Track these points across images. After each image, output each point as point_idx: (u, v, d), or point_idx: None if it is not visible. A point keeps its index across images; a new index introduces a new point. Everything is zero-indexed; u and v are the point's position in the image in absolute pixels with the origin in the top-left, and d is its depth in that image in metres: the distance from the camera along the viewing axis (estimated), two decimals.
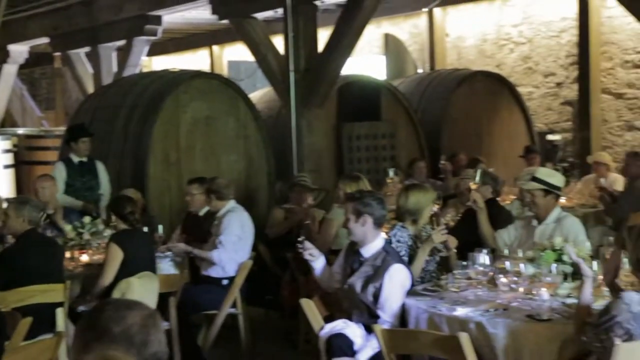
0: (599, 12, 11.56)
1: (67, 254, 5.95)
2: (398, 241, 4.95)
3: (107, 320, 1.93)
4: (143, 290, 5.19)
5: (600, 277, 4.20)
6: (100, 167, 7.86)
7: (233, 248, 6.09)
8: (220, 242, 6.04)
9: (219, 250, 6.04)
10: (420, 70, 13.32)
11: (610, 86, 11.82)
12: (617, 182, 8.50)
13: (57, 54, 14.31)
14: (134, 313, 1.96)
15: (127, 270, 5.36)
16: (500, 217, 5.75)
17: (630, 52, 11.58)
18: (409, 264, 4.84)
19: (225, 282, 6.10)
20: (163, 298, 5.44)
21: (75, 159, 7.76)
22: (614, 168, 9.01)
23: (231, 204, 6.29)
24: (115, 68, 12.58)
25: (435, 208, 5.30)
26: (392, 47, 13.30)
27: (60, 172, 7.64)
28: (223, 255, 6.05)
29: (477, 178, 5.52)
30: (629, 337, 3.27)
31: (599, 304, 3.70)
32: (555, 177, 5.26)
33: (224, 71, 15.66)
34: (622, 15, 10.73)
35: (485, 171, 6.64)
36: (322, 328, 4.39)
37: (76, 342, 1.99)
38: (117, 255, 5.42)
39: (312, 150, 8.89)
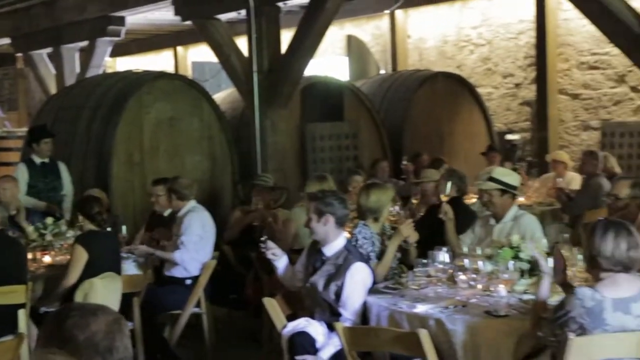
0: (556, 14, 11.71)
1: (30, 255, 5.87)
2: (364, 237, 4.97)
3: (72, 327, 1.88)
4: (106, 290, 5.15)
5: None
6: (63, 168, 7.78)
7: (195, 248, 6.07)
8: (182, 242, 6.02)
9: (181, 251, 6.01)
10: (382, 71, 13.38)
11: (567, 87, 11.99)
12: (575, 180, 8.63)
13: (19, 54, 14.13)
14: (98, 319, 1.91)
15: (91, 271, 5.30)
16: (465, 216, 5.78)
17: (586, 53, 11.75)
18: (377, 260, 4.89)
19: (188, 282, 6.07)
20: (127, 298, 5.41)
21: (37, 160, 7.66)
22: (572, 167, 9.14)
23: (192, 203, 6.25)
24: (78, 69, 12.44)
25: (397, 208, 5.35)
26: (355, 48, 13.34)
27: (22, 173, 7.54)
28: (185, 256, 6.02)
29: (447, 190, 5.52)
30: (582, 331, 3.33)
31: (554, 300, 3.76)
32: (511, 177, 5.32)
33: (189, 72, 15.58)
34: (577, 18, 10.89)
35: (451, 170, 6.71)
36: (284, 326, 4.40)
37: (39, 348, 1.93)
38: (81, 257, 5.36)
39: (276, 151, 8.88)
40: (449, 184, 5.50)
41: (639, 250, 3.42)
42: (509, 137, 12.12)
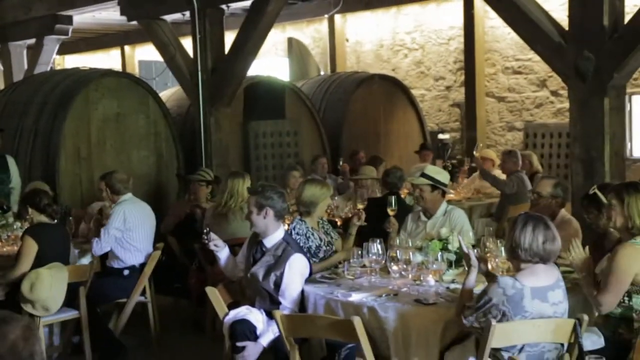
0: (483, 22, 11.91)
1: None
2: (297, 233, 4.99)
3: None
4: (52, 280, 5.05)
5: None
6: (11, 162, 7.60)
7: (127, 239, 5.96)
8: (101, 233, 5.91)
9: (95, 241, 5.88)
10: (322, 73, 13.41)
11: (493, 90, 12.21)
12: (500, 178, 8.79)
13: None
14: (13, 327, 1.82)
15: (40, 262, 5.21)
16: (402, 209, 5.84)
17: (510, 59, 11.98)
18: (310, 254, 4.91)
19: (126, 272, 5.97)
20: (73, 288, 5.33)
21: None
22: (498, 165, 9.30)
23: (124, 197, 6.10)
24: (26, 65, 12.15)
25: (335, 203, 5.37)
26: (296, 50, 13.32)
27: None
28: (97, 247, 5.86)
29: (394, 205, 5.53)
30: (503, 317, 3.40)
31: (478, 289, 3.84)
32: (441, 175, 5.40)
33: (136, 70, 15.35)
34: (502, 26, 11.10)
35: (388, 170, 6.81)
36: (226, 314, 4.38)
37: None
38: (32, 248, 5.26)
39: (220, 147, 8.83)
40: (393, 199, 5.52)
41: (555, 243, 3.52)
42: (441, 136, 12.27)
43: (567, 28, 5.76)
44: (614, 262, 3.77)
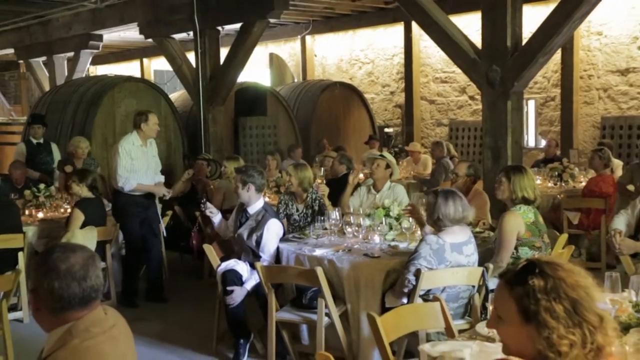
0: (418, 43, 11.88)
1: (27, 212, 5.69)
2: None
3: (55, 260, 1.81)
4: (84, 238, 4.95)
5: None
6: (54, 148, 7.50)
7: None
8: None
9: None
10: (295, 80, 13.29)
11: (426, 95, 12.20)
12: (428, 161, 8.84)
13: (21, 61, 13.44)
14: (77, 255, 1.84)
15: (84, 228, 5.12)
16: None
17: (439, 71, 11.97)
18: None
19: None
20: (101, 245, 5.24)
21: (34, 140, 7.36)
22: (425, 152, 9.29)
23: None
24: (66, 73, 11.93)
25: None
26: (276, 62, 13.19)
27: (21, 150, 7.35)
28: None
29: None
30: (430, 267, 3.39)
31: (412, 245, 3.82)
32: (393, 160, 5.39)
33: (151, 77, 15.10)
34: (433, 45, 11.03)
35: (343, 154, 6.73)
36: (219, 265, 4.32)
37: (31, 276, 1.89)
38: (79, 218, 5.15)
39: (216, 137, 8.78)
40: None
41: (467, 209, 3.52)
42: (386, 130, 12.26)
43: (480, 48, 5.75)
44: (501, 226, 3.77)
